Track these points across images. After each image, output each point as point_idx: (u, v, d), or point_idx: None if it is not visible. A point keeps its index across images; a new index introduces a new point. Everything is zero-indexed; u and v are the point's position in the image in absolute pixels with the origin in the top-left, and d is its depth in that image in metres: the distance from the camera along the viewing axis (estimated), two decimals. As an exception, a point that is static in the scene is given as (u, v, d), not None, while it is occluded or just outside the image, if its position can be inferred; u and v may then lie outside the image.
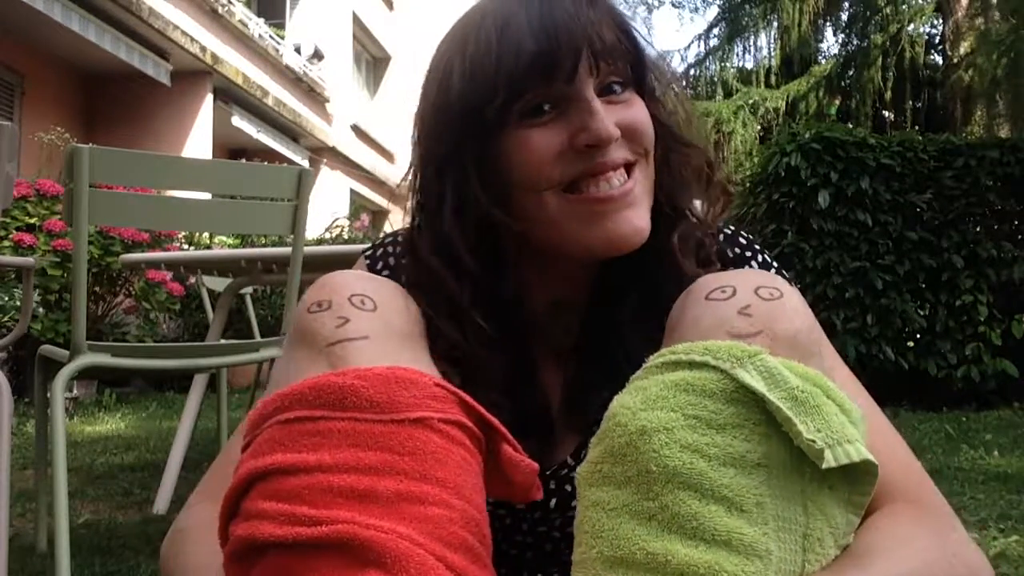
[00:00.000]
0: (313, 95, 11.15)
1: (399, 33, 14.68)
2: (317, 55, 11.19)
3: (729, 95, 12.70)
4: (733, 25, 13.15)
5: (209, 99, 8.35)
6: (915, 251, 4.55)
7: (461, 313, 0.69)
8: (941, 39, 11.16)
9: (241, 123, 9.05)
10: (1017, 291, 4.55)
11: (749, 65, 13.13)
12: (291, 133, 10.46)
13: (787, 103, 12.05)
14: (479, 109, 0.68)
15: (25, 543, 1.91)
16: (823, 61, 13.00)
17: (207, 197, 2.03)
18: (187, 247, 5.93)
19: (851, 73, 12.14)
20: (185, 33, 7.84)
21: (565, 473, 0.73)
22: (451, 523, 0.53)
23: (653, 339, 0.64)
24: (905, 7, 11.64)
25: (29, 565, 1.75)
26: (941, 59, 11.42)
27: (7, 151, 1.49)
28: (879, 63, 11.41)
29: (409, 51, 14.56)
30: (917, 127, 10.98)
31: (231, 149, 9.74)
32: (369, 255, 0.83)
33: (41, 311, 4.62)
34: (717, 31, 13.51)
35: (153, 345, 3.27)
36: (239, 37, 9.31)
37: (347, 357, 0.58)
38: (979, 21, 9.55)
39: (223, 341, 2.24)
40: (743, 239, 0.81)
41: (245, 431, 0.58)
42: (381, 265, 0.82)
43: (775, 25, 12.54)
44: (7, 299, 4.52)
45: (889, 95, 11.49)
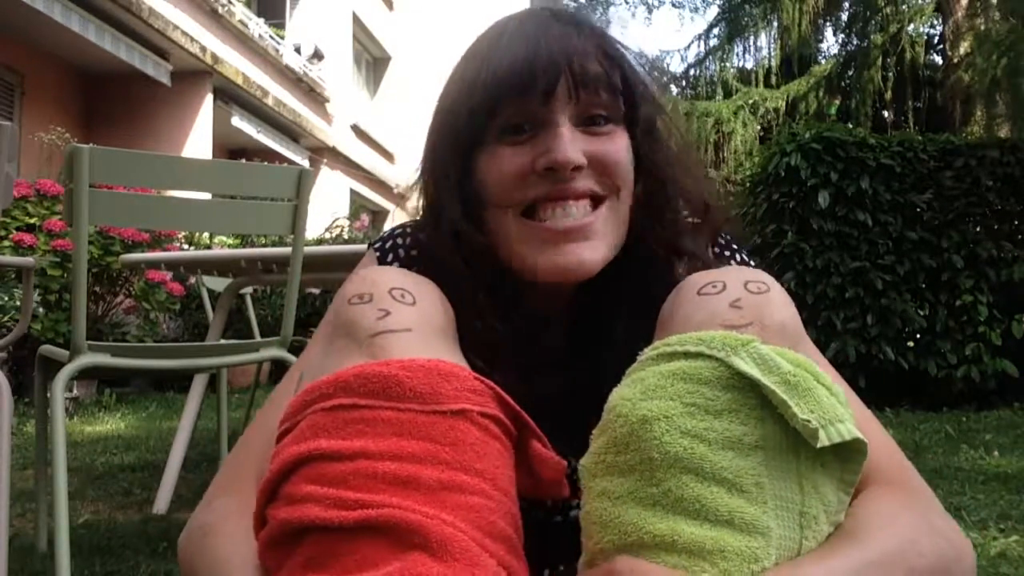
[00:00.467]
0: (313, 95, 11.15)
1: (399, 33, 14.68)
2: (317, 55, 11.19)
3: (729, 95, 12.69)
4: (733, 25, 13.15)
5: (209, 99, 8.35)
6: (915, 251, 4.55)
7: (469, 307, 0.71)
8: (941, 39, 11.15)
9: (241, 123, 9.05)
10: (1017, 291, 4.55)
11: (749, 65, 13.13)
12: (291, 133, 10.46)
13: (787, 103, 12.04)
14: (464, 122, 0.71)
15: (25, 543, 1.91)
16: (823, 61, 12.99)
17: (207, 197, 2.03)
18: (187, 247, 5.93)
19: (851, 73, 12.13)
20: (185, 33, 7.84)
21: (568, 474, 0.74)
22: (490, 512, 0.54)
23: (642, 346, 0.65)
24: (905, 7, 11.63)
25: (29, 565, 1.75)
26: (941, 59, 11.42)
27: (7, 151, 1.49)
28: (879, 63, 11.40)
29: (409, 51, 14.57)
30: (917, 127, 10.99)
31: (231, 149, 9.75)
32: (379, 247, 0.84)
33: (41, 311, 4.62)
34: (717, 31, 13.50)
35: (153, 345, 3.27)
36: (239, 37, 9.31)
37: (389, 348, 0.60)
38: (979, 21, 9.54)
39: (223, 341, 2.24)
40: (722, 239, 0.83)
41: (283, 418, 0.59)
42: (392, 257, 0.82)
43: (775, 25, 12.53)
44: (7, 299, 4.52)
45: (889, 95, 11.48)
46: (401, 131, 13.77)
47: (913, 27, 11.61)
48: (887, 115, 12.08)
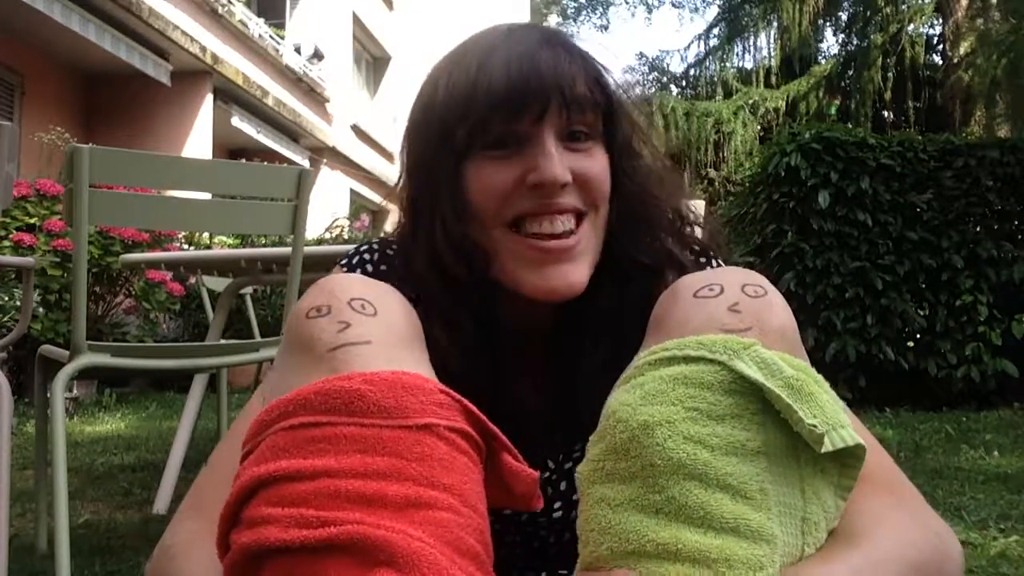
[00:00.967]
0: (313, 95, 11.15)
1: (399, 33, 14.68)
2: (317, 55, 11.19)
3: (729, 95, 12.70)
4: (733, 25, 13.15)
5: (209, 99, 8.35)
6: (915, 251, 4.55)
7: (448, 318, 0.71)
8: (941, 39, 11.16)
9: (241, 123, 9.05)
10: (1017, 291, 4.55)
11: (749, 65, 13.14)
12: (291, 133, 10.46)
13: (787, 103, 12.05)
14: (451, 133, 0.71)
15: (25, 543, 1.91)
16: (823, 61, 12.99)
17: (207, 197, 2.03)
18: (187, 247, 5.93)
19: (851, 73, 12.14)
20: (185, 33, 7.84)
21: (547, 476, 0.75)
22: (459, 528, 0.52)
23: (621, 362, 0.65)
24: (905, 7, 11.64)
25: (29, 565, 1.75)
26: (941, 59, 11.42)
27: (7, 151, 1.50)
28: (879, 63, 11.40)
29: (409, 51, 14.56)
30: (917, 127, 10.99)
31: (231, 149, 9.74)
32: (346, 263, 0.83)
33: (41, 311, 4.61)
34: (717, 31, 13.51)
35: (153, 345, 3.27)
36: (239, 37, 9.31)
37: (350, 362, 0.57)
38: (979, 21, 9.55)
39: (223, 341, 2.24)
40: (697, 246, 0.83)
41: (245, 439, 0.57)
42: (359, 273, 0.81)
43: (775, 25, 12.54)
44: (7, 299, 4.52)
45: (889, 95, 11.49)
46: (401, 131, 13.73)
47: (913, 27, 11.61)
48: (887, 115, 12.08)
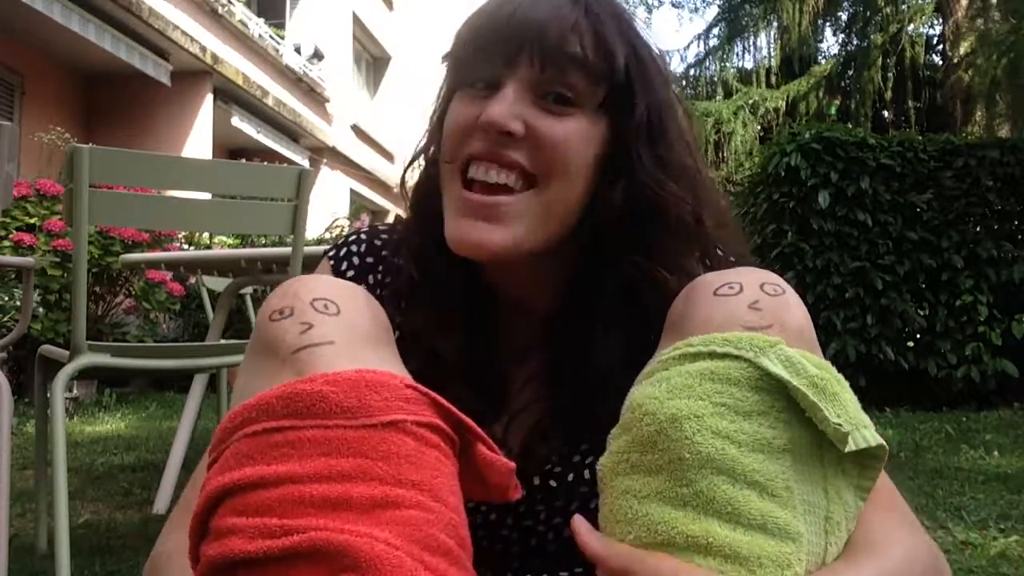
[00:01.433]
0: (313, 95, 11.15)
1: (399, 33, 14.68)
2: (317, 55, 11.19)
3: (729, 95, 12.70)
4: (733, 25, 13.15)
5: (209, 99, 8.35)
6: (915, 251, 4.55)
7: (441, 295, 0.71)
8: (941, 39, 11.16)
9: (241, 123, 9.05)
10: (1017, 291, 4.55)
11: (749, 65, 13.14)
12: (291, 133, 10.46)
13: (787, 103, 12.05)
14: (448, 74, 0.72)
15: (25, 543, 1.92)
16: (823, 61, 13.00)
17: (207, 197, 2.03)
18: (187, 247, 5.93)
19: (851, 73, 12.14)
20: (185, 33, 7.84)
21: (549, 469, 0.73)
22: (429, 526, 0.52)
23: (632, 347, 0.64)
24: (905, 7, 11.64)
25: (29, 565, 1.75)
26: (941, 59, 11.42)
27: (7, 151, 1.50)
28: (879, 63, 11.41)
29: (409, 51, 14.56)
30: (917, 127, 10.99)
31: (231, 149, 9.75)
32: (333, 255, 0.82)
33: (41, 311, 4.61)
34: (717, 31, 13.51)
35: (153, 345, 3.27)
36: (239, 37, 9.31)
37: (313, 363, 0.56)
38: (979, 21, 9.55)
39: (223, 341, 2.24)
40: (720, 251, 0.81)
41: (211, 447, 0.56)
42: (346, 266, 0.81)
43: (775, 25, 12.54)
44: (7, 299, 4.52)
45: (889, 95, 11.49)
46: (401, 131, 13.78)
47: (913, 27, 11.61)
48: (887, 115, 12.09)
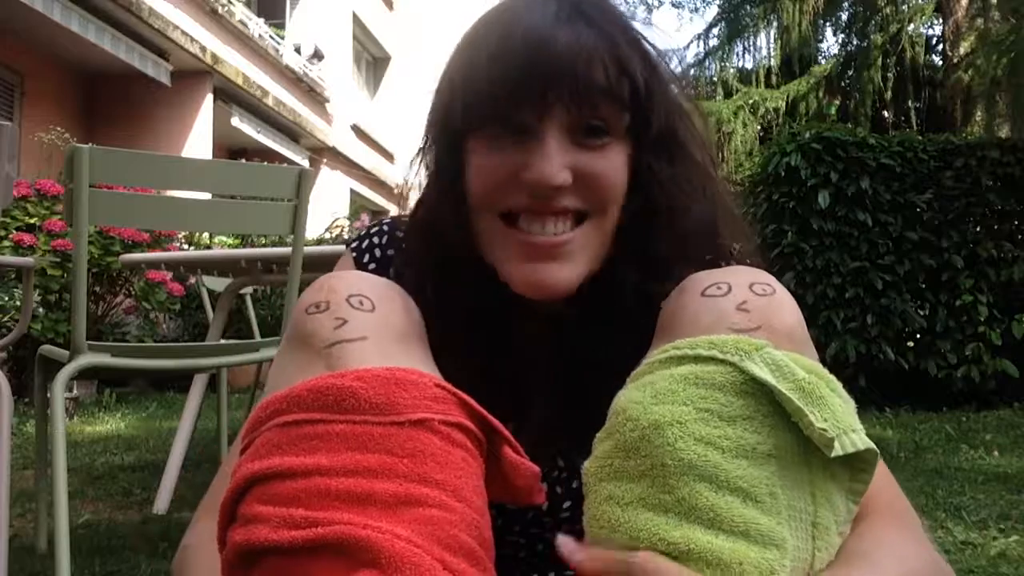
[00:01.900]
0: (313, 95, 11.15)
1: (399, 33, 14.68)
2: (317, 55, 11.19)
3: (729, 95, 12.68)
4: (733, 25, 13.14)
5: (209, 99, 8.35)
6: (915, 251, 4.55)
7: (444, 298, 0.70)
8: (941, 39, 11.16)
9: (241, 123, 9.05)
10: (1017, 291, 4.55)
11: (749, 65, 13.11)
12: (291, 133, 10.46)
13: (787, 103, 12.03)
14: (459, 113, 0.67)
15: (25, 543, 1.91)
16: (823, 61, 12.98)
17: (207, 197, 2.03)
18: (187, 247, 5.93)
19: (851, 73, 12.13)
20: (185, 33, 7.84)
21: (557, 476, 0.73)
22: (451, 525, 0.52)
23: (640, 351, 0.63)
24: (905, 7, 11.63)
25: (29, 565, 1.75)
26: (941, 59, 11.42)
27: (7, 151, 1.49)
28: (879, 63, 11.40)
29: (409, 51, 14.56)
30: (917, 127, 10.99)
31: (231, 149, 9.75)
32: (355, 247, 0.82)
33: (41, 311, 4.61)
34: (717, 31, 13.49)
35: (153, 345, 3.27)
36: (239, 37, 9.31)
37: (345, 358, 0.57)
38: (979, 21, 9.55)
39: (223, 341, 2.24)
40: (733, 250, 0.79)
41: (243, 433, 0.57)
42: (368, 258, 0.81)
43: (775, 25, 12.52)
44: (7, 299, 4.52)
45: (889, 95, 11.48)
46: (401, 131, 13.77)
47: (913, 27, 11.60)
48: (887, 115, 12.07)
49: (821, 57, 13.32)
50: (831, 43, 14.14)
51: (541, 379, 0.74)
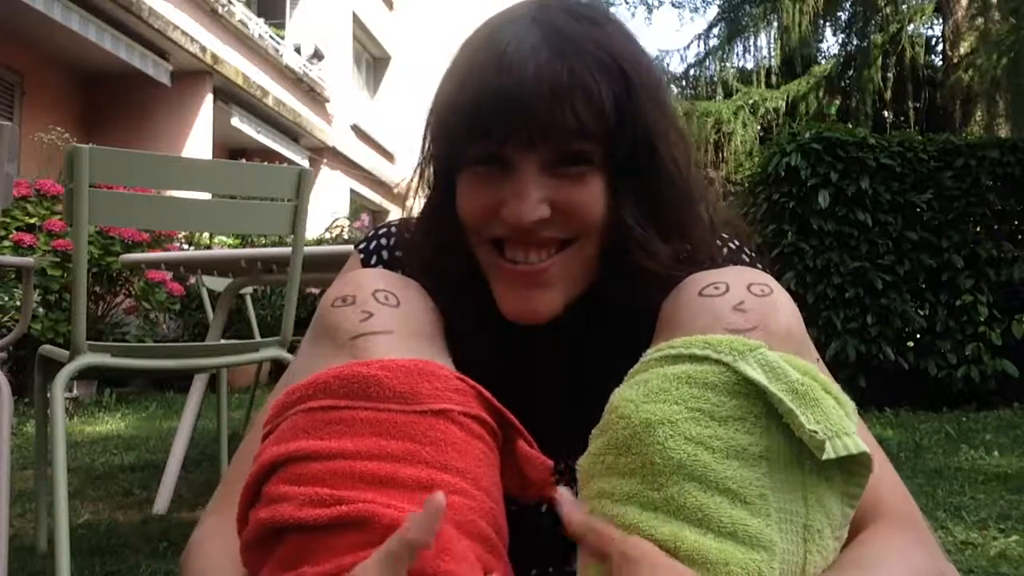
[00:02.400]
0: (313, 95, 11.15)
1: (399, 33, 14.69)
2: (317, 55, 11.19)
3: (729, 95, 12.69)
4: (733, 25, 13.15)
5: (209, 99, 8.35)
6: (915, 251, 4.55)
7: (451, 306, 0.71)
8: (941, 39, 11.15)
9: (241, 123, 9.05)
10: (1017, 291, 4.55)
11: (749, 65, 13.13)
12: (291, 133, 10.46)
13: (787, 103, 12.04)
14: (445, 141, 0.69)
15: (25, 543, 1.91)
16: (823, 61, 13.00)
17: (207, 197, 2.03)
18: (187, 247, 5.93)
19: (851, 73, 12.14)
20: (185, 33, 7.84)
21: (556, 481, 0.73)
22: (470, 512, 0.54)
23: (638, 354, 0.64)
24: (905, 7, 11.63)
25: (29, 565, 1.75)
26: (941, 59, 11.42)
27: (7, 151, 1.49)
28: (879, 63, 11.41)
29: (409, 51, 14.57)
30: (917, 127, 10.99)
31: (231, 149, 9.75)
32: (363, 248, 0.83)
33: (41, 311, 4.61)
34: (717, 31, 13.51)
35: (153, 345, 3.27)
36: (239, 37, 9.31)
37: (370, 350, 0.60)
38: (979, 21, 9.55)
39: (223, 341, 2.24)
40: (732, 243, 0.80)
41: (266, 420, 0.59)
42: (376, 259, 0.82)
43: (775, 25, 12.54)
44: (7, 299, 4.52)
45: (889, 95, 11.49)
46: (401, 131, 13.77)
47: (913, 27, 11.61)
48: (887, 115, 12.08)
49: (821, 57, 13.33)
50: (831, 43, 14.16)
51: (548, 385, 0.75)
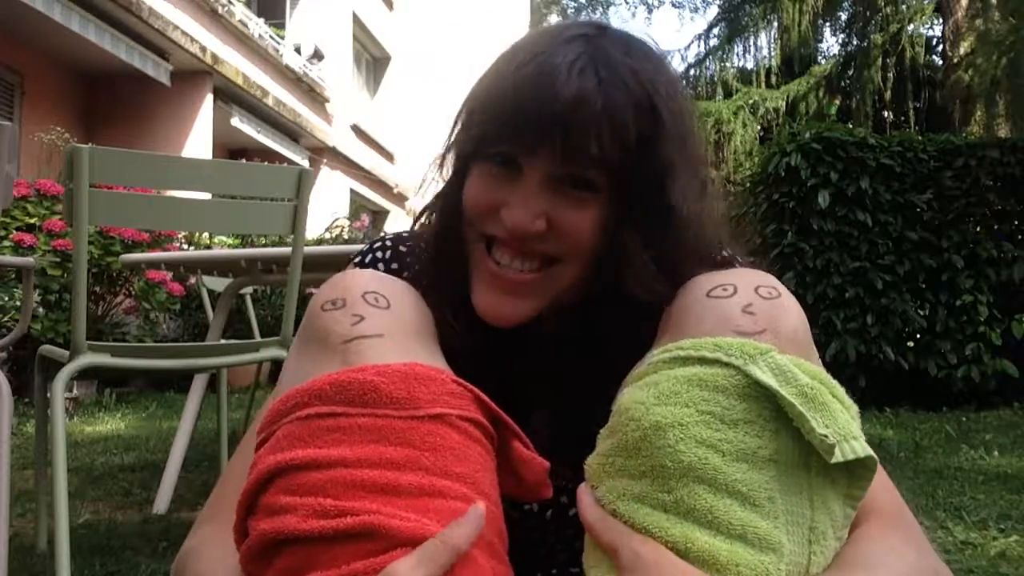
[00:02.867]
0: (313, 95, 11.15)
1: (399, 33, 14.68)
2: (317, 55, 11.19)
3: (729, 95, 12.69)
4: (733, 25, 13.16)
5: (209, 99, 8.35)
6: (915, 251, 4.55)
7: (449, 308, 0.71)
8: (941, 39, 11.15)
9: (241, 123, 9.05)
10: (1017, 291, 4.55)
11: (749, 65, 13.13)
12: (291, 133, 10.46)
13: (787, 103, 12.04)
14: (466, 136, 0.69)
15: (25, 543, 1.91)
16: (823, 61, 12.99)
17: (207, 197, 2.03)
18: (187, 247, 5.93)
19: (851, 73, 12.14)
20: (185, 33, 7.84)
21: (563, 485, 0.73)
22: None
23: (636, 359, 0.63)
24: (905, 7, 11.63)
25: (29, 565, 1.75)
26: (941, 59, 11.42)
27: (7, 151, 1.49)
28: (879, 63, 11.40)
29: (409, 51, 14.57)
30: (917, 127, 10.99)
31: (231, 149, 9.74)
32: (358, 262, 0.83)
33: (41, 311, 4.61)
34: (717, 31, 13.51)
35: (153, 345, 3.27)
36: (239, 37, 9.31)
37: (363, 354, 0.58)
38: (979, 21, 9.55)
39: (223, 341, 2.24)
40: (726, 252, 0.78)
41: (259, 428, 0.58)
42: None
43: (775, 25, 12.54)
44: (7, 299, 4.52)
45: (889, 95, 11.48)
46: (401, 131, 13.77)
47: (913, 27, 11.61)
48: (887, 115, 12.07)
49: (821, 57, 13.33)
50: (831, 43, 14.16)
51: (543, 392, 0.74)
